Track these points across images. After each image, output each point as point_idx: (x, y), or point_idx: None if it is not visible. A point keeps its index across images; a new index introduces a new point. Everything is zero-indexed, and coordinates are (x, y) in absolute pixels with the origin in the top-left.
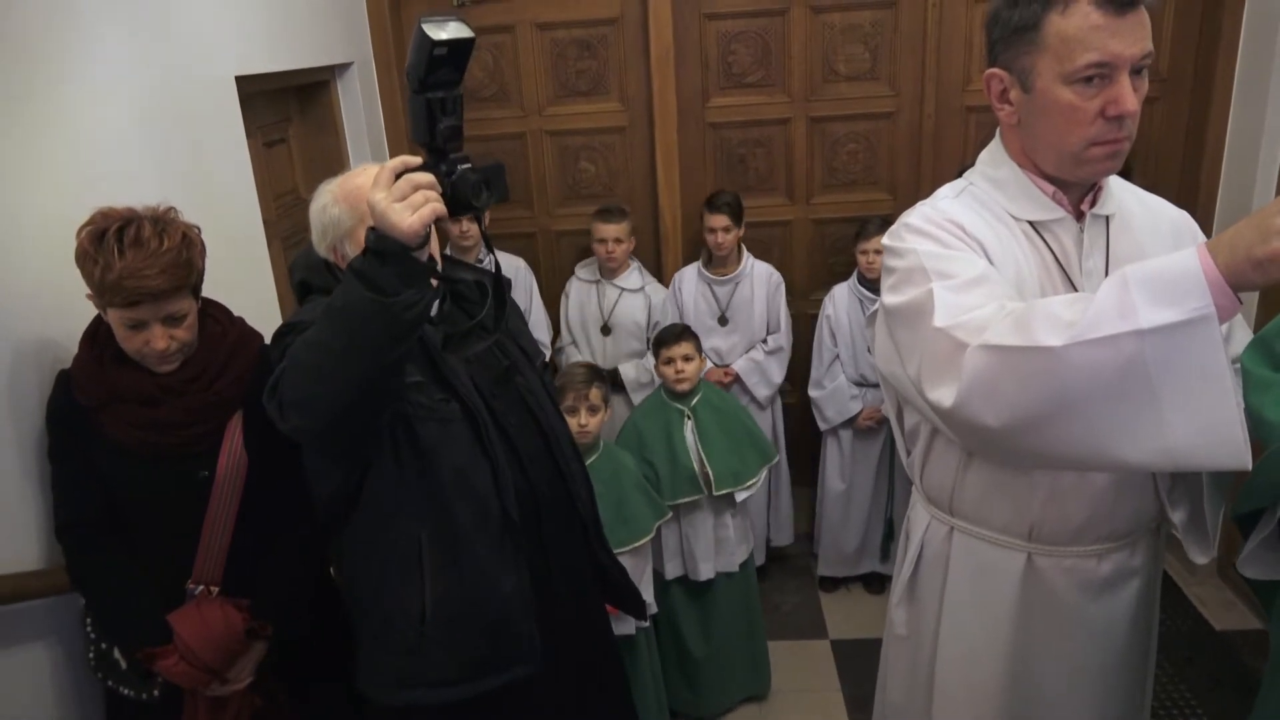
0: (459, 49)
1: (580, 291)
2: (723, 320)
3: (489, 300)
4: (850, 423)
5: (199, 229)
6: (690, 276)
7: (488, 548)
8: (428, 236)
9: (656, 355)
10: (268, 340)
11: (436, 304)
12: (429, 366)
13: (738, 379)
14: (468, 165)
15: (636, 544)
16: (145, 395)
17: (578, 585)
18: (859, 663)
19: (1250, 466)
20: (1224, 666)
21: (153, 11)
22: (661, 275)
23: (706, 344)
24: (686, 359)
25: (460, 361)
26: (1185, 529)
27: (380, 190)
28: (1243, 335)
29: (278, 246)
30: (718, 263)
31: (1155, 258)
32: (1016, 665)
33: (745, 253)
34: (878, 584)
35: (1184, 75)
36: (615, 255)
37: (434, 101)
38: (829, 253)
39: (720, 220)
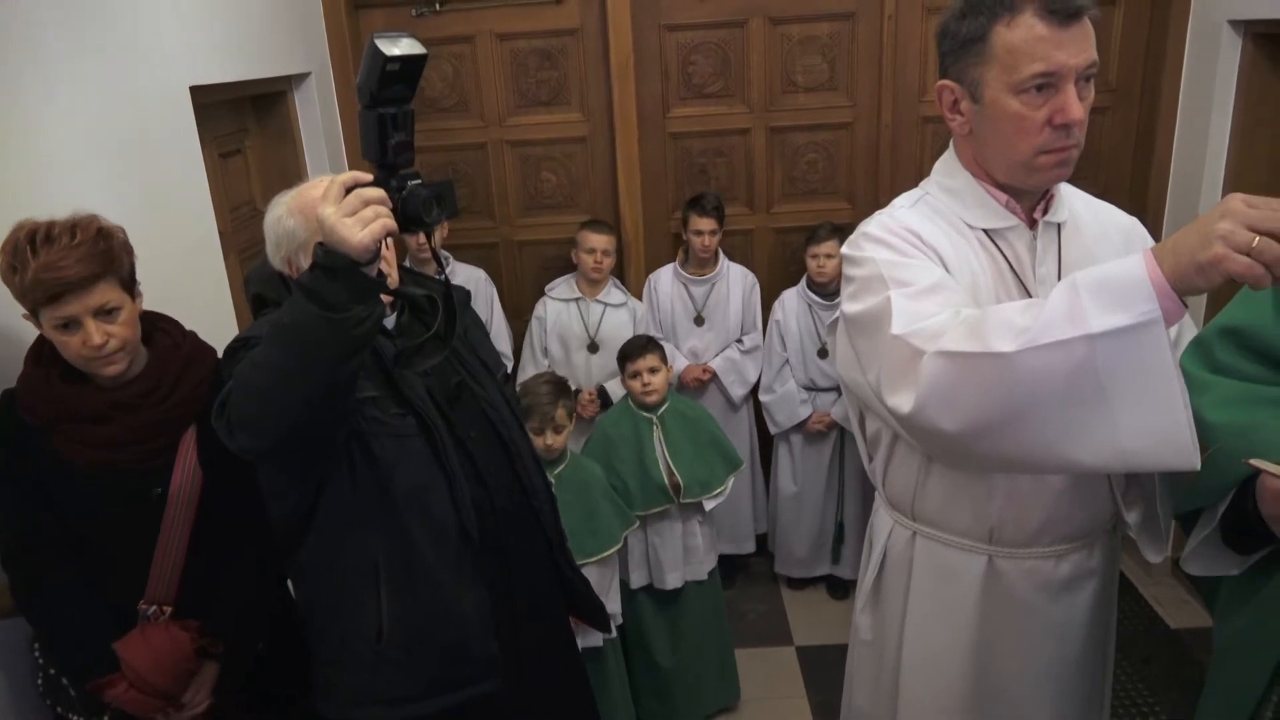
0: (411, 65)
1: (558, 311)
2: (699, 320)
3: (440, 313)
4: (800, 427)
5: (124, 230)
6: (666, 277)
7: (446, 567)
8: (377, 252)
9: (622, 369)
10: (221, 354)
11: (395, 317)
12: (384, 381)
13: (714, 377)
14: (418, 181)
15: (605, 554)
16: (96, 412)
17: (541, 599)
18: (825, 669)
19: (1199, 467)
20: (1181, 664)
21: (105, 22)
22: (625, 284)
23: (683, 344)
24: (653, 371)
25: (417, 376)
26: (1139, 529)
27: (330, 204)
28: (1191, 338)
29: (234, 259)
30: (696, 263)
31: (1105, 263)
32: (979, 666)
33: (721, 254)
34: (841, 589)
35: (1132, 86)
36: (603, 266)
37: (385, 117)
38: (790, 261)
39: (708, 223)
